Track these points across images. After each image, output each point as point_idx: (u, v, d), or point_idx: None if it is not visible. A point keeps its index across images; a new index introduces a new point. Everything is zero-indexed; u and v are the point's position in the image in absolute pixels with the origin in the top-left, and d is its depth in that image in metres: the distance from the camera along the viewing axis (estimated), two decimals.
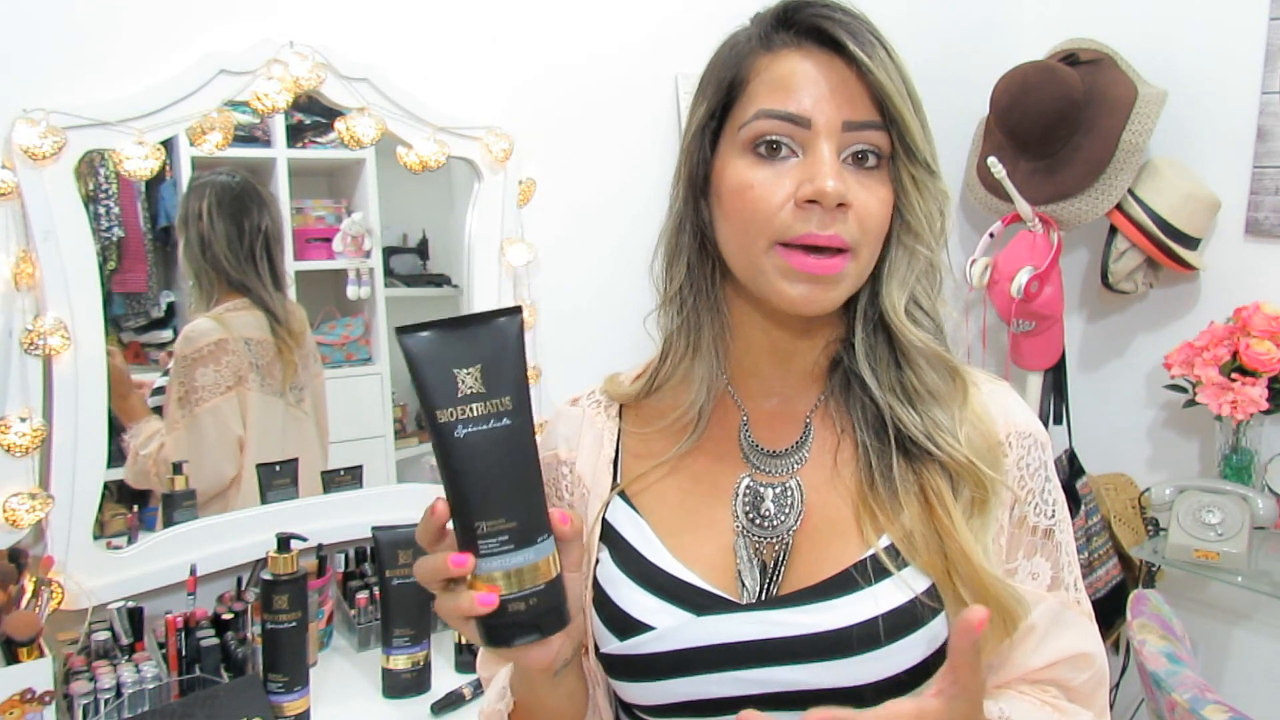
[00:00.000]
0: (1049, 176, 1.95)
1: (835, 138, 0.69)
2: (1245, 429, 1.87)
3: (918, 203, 0.73)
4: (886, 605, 0.69)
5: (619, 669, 0.74)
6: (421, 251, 1.77)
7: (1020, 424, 0.77)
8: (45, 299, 1.23)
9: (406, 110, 1.50)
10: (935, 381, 0.74)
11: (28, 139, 1.19)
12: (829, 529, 0.74)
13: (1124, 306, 2.20)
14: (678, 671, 0.71)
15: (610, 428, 0.84)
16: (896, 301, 0.74)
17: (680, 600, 0.73)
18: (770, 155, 0.70)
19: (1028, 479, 0.76)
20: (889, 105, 0.69)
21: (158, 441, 1.44)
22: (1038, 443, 0.77)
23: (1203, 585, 2.08)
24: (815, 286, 0.70)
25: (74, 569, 1.26)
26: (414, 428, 1.78)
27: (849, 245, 0.69)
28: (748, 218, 0.70)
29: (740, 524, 0.76)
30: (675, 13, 1.82)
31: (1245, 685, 2.05)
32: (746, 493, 0.77)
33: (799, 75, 0.70)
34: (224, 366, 1.49)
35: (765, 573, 0.74)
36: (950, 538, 0.70)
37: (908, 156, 0.71)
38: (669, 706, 0.73)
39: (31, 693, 1.07)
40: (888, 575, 0.70)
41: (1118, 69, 1.99)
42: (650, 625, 0.72)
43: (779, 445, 0.78)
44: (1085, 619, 0.77)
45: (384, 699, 1.32)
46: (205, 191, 1.49)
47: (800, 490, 0.76)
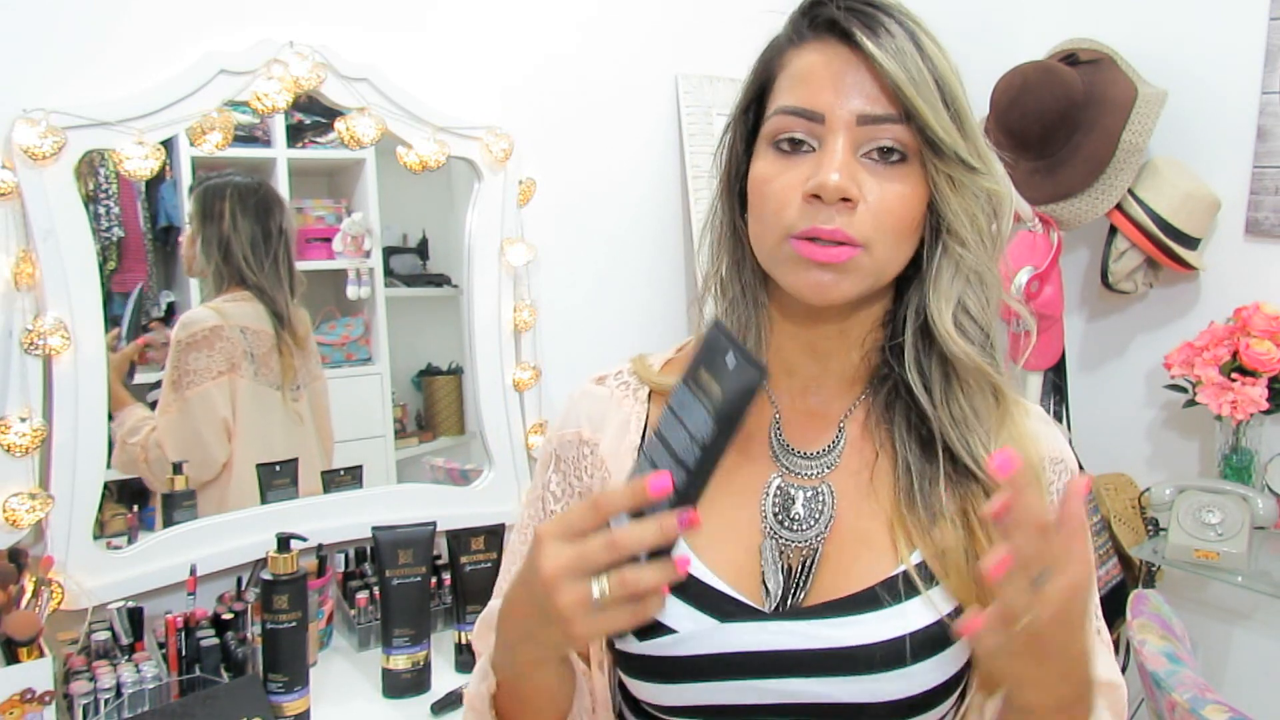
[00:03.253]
0: (1049, 176, 1.95)
1: (850, 132, 0.68)
2: (1245, 429, 1.87)
3: (956, 202, 0.70)
4: (914, 625, 0.68)
5: (636, 668, 0.74)
6: (421, 251, 1.77)
7: (1055, 450, 0.76)
8: (45, 299, 1.23)
9: (406, 110, 1.50)
10: (981, 398, 0.73)
11: (28, 139, 1.19)
12: (860, 540, 0.73)
13: (1124, 306, 2.20)
14: (697, 676, 0.70)
15: (639, 412, 0.81)
16: (944, 311, 0.71)
17: (703, 604, 0.71)
18: (792, 150, 0.70)
19: (1059, 505, 0.75)
20: (903, 98, 0.67)
21: (148, 427, 1.43)
22: (1068, 469, 0.77)
23: (1203, 585, 2.08)
24: (824, 275, 0.69)
25: (74, 569, 1.26)
26: (414, 428, 1.78)
27: (855, 239, 0.67)
28: (764, 210, 0.71)
29: (768, 525, 0.74)
30: (675, 13, 1.82)
31: (1245, 685, 2.05)
32: (777, 494, 0.75)
33: (816, 69, 0.69)
34: (217, 352, 1.49)
35: (790, 577, 0.72)
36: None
37: (934, 152, 0.68)
38: (684, 709, 0.73)
39: (31, 693, 1.07)
40: (916, 594, 0.69)
41: (1118, 69, 1.99)
42: (671, 628, 0.71)
43: (811, 447, 0.76)
44: (1104, 648, 0.76)
45: (384, 699, 1.32)
46: (226, 192, 1.49)
47: (832, 495, 0.74)
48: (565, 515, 0.60)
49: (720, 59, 1.89)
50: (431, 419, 1.80)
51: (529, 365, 1.69)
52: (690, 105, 1.84)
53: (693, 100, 1.84)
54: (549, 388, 1.73)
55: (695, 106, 1.84)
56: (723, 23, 1.88)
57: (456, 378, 1.80)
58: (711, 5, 1.86)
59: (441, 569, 1.52)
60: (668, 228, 1.86)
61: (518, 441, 1.69)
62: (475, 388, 1.66)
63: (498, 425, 1.67)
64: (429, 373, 1.80)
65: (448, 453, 1.79)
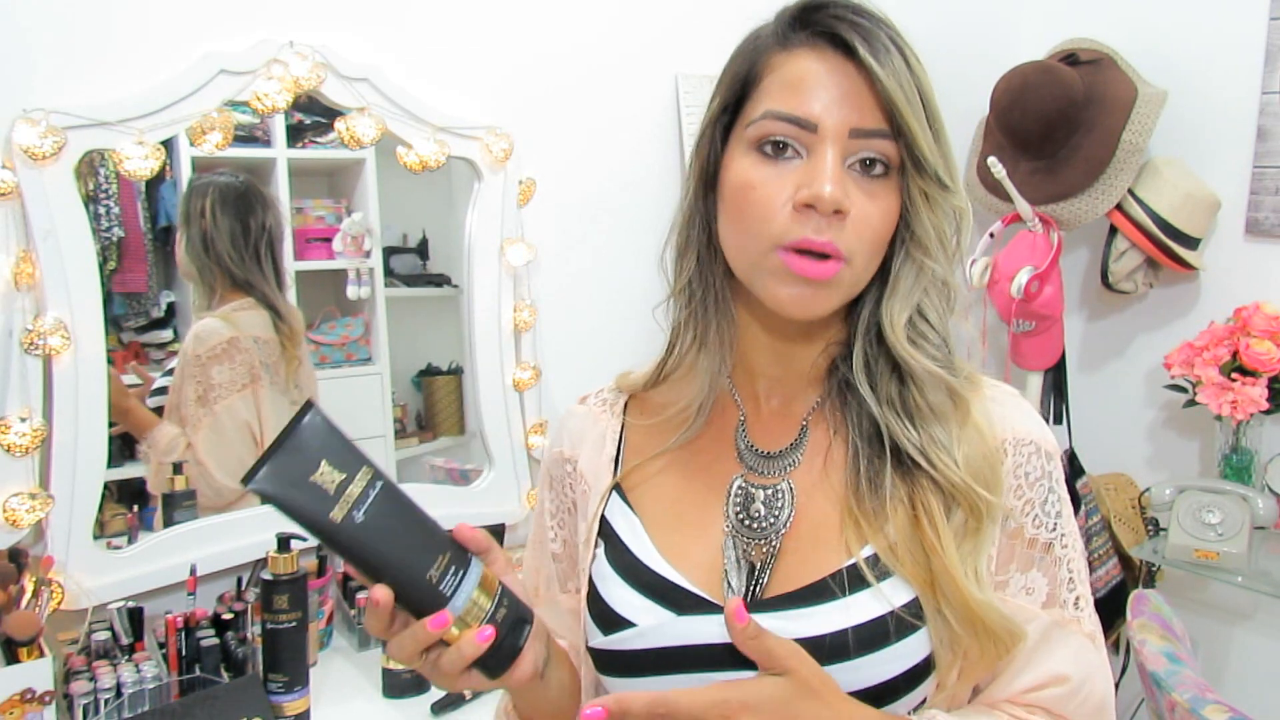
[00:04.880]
0: (1049, 176, 1.95)
1: (841, 143, 0.68)
2: (1245, 429, 1.87)
3: (927, 216, 0.71)
4: (858, 618, 0.68)
5: (603, 663, 0.75)
6: (421, 251, 1.77)
7: (1021, 431, 0.75)
8: (45, 299, 1.23)
9: (406, 110, 1.50)
10: (935, 399, 0.73)
11: (28, 139, 1.19)
12: (814, 534, 0.73)
13: (1124, 306, 2.20)
14: (656, 669, 0.71)
15: (614, 425, 0.84)
16: (896, 317, 0.72)
17: (664, 599, 0.73)
18: (775, 155, 0.69)
19: (1026, 488, 0.73)
20: (897, 115, 0.67)
21: (183, 443, 1.44)
22: (1040, 451, 0.74)
23: (1203, 585, 2.08)
24: (807, 290, 0.69)
25: (74, 569, 1.26)
26: (414, 427, 1.78)
27: (842, 253, 0.68)
28: (748, 218, 0.70)
29: (730, 524, 0.75)
30: (675, 13, 1.82)
31: (1245, 685, 2.05)
32: (738, 493, 0.76)
33: (810, 77, 0.69)
34: (238, 364, 1.50)
35: (753, 574, 0.73)
36: (936, 555, 0.68)
37: (916, 169, 0.70)
38: None
39: (31, 693, 1.07)
40: (866, 586, 0.69)
41: (1118, 69, 1.99)
42: (633, 622, 0.73)
43: (774, 446, 0.78)
44: (1081, 638, 0.74)
45: (384, 699, 1.32)
46: (208, 190, 1.49)
47: (791, 492, 0.75)
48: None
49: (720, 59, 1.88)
50: (431, 419, 1.80)
51: (529, 365, 1.69)
52: (690, 105, 1.84)
53: (693, 100, 1.84)
54: (549, 388, 1.73)
55: (695, 106, 1.85)
56: (723, 23, 1.88)
57: (456, 378, 1.80)
58: (711, 5, 1.86)
59: None
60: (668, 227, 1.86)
61: (518, 441, 1.69)
62: (475, 388, 1.67)
63: (498, 425, 1.67)
64: (429, 373, 1.80)
65: (448, 453, 1.79)
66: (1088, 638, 0.75)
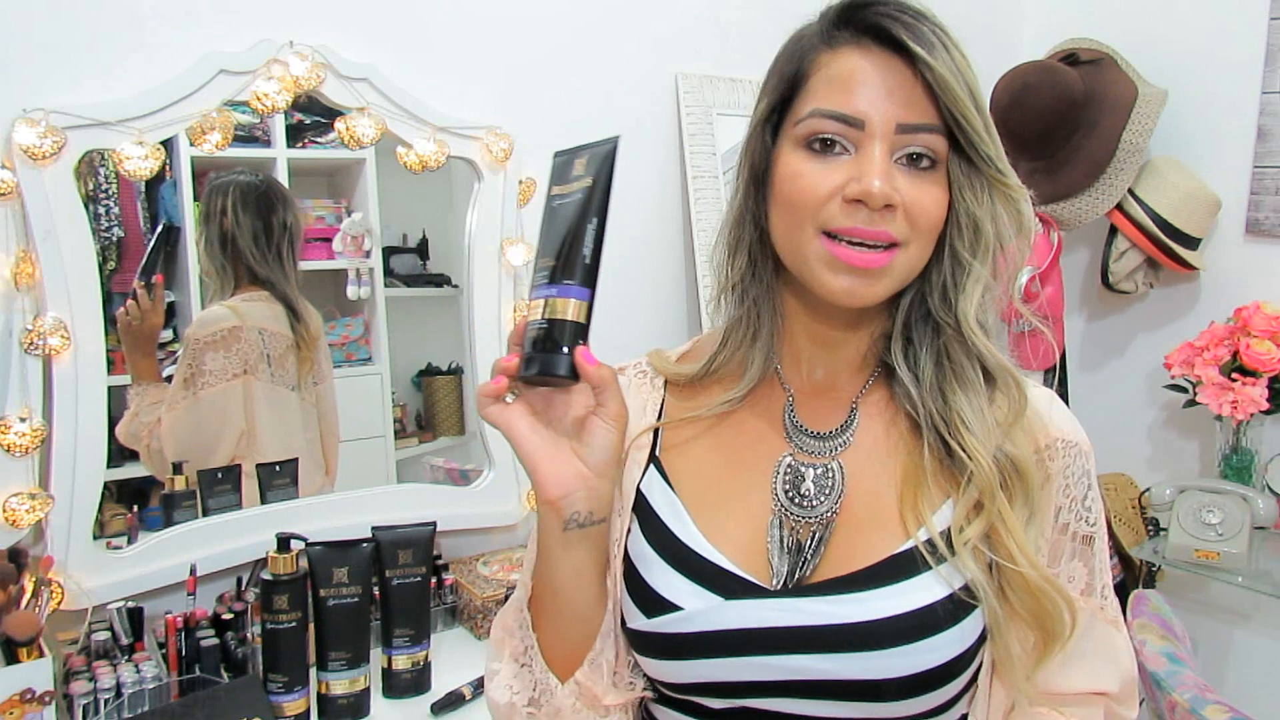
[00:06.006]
0: (1049, 176, 1.95)
1: (888, 139, 0.69)
2: (1245, 429, 1.87)
3: (976, 206, 0.72)
4: (919, 602, 0.69)
5: (644, 645, 0.75)
6: (421, 251, 1.77)
7: (1068, 432, 0.77)
8: (45, 299, 1.23)
9: (406, 110, 1.49)
10: (998, 391, 0.74)
11: (28, 139, 1.19)
12: (869, 517, 0.74)
13: (1124, 306, 2.20)
14: (702, 653, 0.72)
15: (655, 398, 0.84)
16: (968, 309, 0.73)
17: (709, 582, 0.73)
18: (824, 151, 0.70)
19: (1072, 486, 0.75)
20: (953, 106, 0.68)
21: (159, 411, 1.44)
22: (1081, 451, 0.77)
23: (1203, 585, 2.08)
24: (858, 280, 0.70)
25: (74, 569, 1.26)
26: (414, 427, 1.78)
27: (897, 239, 0.69)
28: (795, 204, 0.71)
29: (778, 503, 0.75)
30: (675, 13, 1.82)
31: (1245, 685, 2.05)
32: (788, 471, 0.76)
33: (857, 74, 0.70)
34: (234, 354, 1.49)
35: (799, 554, 0.73)
36: (999, 538, 0.70)
37: (970, 158, 0.71)
38: (694, 685, 0.74)
39: (31, 693, 1.07)
40: (924, 570, 0.70)
41: (1118, 69, 1.99)
42: (678, 605, 0.72)
43: (824, 427, 0.78)
44: (1110, 627, 0.78)
45: (384, 699, 1.32)
46: (229, 189, 1.49)
47: (842, 473, 0.75)
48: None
49: (720, 59, 1.89)
50: (431, 419, 1.80)
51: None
52: (690, 105, 1.84)
53: (693, 100, 1.84)
54: None
55: (695, 106, 1.84)
56: (723, 23, 1.88)
57: (456, 378, 1.80)
58: (711, 5, 1.86)
59: (441, 569, 1.52)
60: (668, 227, 1.86)
61: None
62: (475, 388, 1.66)
63: None
64: (429, 373, 1.80)
65: (448, 453, 1.79)
66: (1111, 624, 0.78)
